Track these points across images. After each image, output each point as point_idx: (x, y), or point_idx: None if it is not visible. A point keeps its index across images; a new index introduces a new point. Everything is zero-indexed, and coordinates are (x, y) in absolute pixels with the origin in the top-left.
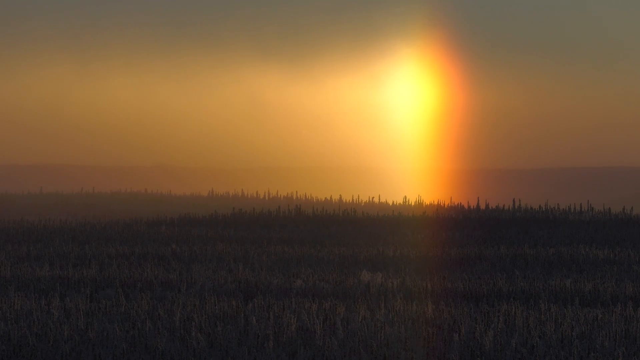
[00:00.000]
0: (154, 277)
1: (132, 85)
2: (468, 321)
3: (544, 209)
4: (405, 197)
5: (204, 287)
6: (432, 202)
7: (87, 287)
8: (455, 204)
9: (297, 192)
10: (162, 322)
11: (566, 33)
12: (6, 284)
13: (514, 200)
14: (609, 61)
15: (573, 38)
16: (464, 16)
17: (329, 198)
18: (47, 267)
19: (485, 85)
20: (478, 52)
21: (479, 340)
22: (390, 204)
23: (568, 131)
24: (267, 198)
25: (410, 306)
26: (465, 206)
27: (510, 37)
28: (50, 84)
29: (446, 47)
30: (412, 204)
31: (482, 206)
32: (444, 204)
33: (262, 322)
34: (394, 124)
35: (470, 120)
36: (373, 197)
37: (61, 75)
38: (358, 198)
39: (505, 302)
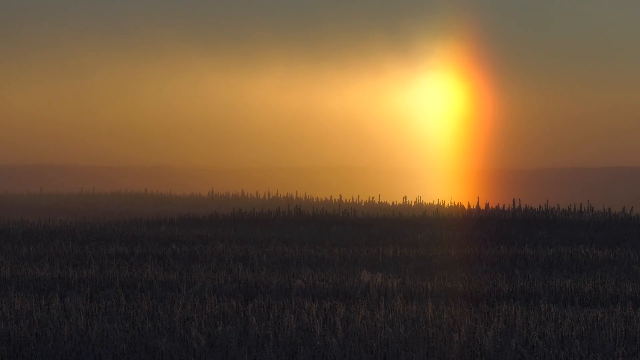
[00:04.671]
0: (154, 277)
1: (131, 86)
2: (468, 321)
3: (544, 209)
4: (405, 197)
5: (204, 287)
6: (432, 202)
7: (87, 287)
8: (455, 204)
9: (297, 192)
10: (162, 322)
11: (566, 33)
12: (6, 284)
13: (514, 200)
14: (609, 61)
15: (573, 38)
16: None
17: (329, 198)
18: (47, 267)
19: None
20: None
21: (479, 340)
22: (390, 204)
23: (568, 131)
24: (267, 198)
25: (410, 306)
26: (465, 206)
27: (512, 39)
28: (51, 84)
29: (447, 48)
30: (412, 204)
31: (482, 206)
32: (444, 204)
33: (262, 322)
34: (394, 125)
35: (470, 121)
36: (373, 197)
37: (61, 76)
38: (358, 198)
39: (505, 302)
